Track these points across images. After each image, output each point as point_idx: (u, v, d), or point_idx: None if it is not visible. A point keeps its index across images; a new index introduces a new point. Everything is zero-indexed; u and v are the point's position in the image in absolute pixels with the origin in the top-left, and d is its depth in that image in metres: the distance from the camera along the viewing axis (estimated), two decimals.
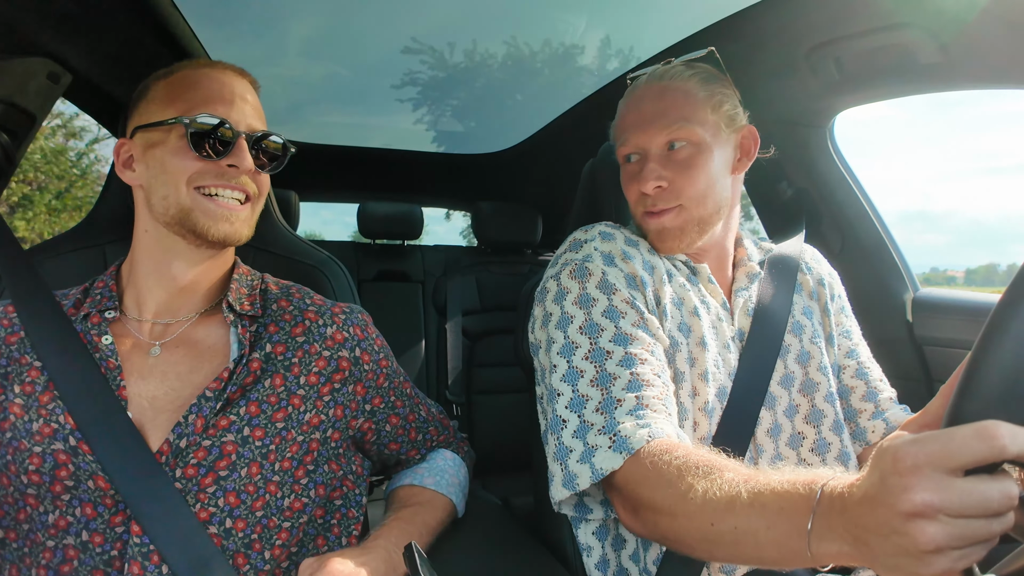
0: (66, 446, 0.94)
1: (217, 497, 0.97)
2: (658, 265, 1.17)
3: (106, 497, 0.93)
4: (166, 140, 1.03)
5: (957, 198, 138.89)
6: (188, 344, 1.06)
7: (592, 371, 1.03)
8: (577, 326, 1.07)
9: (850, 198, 1.81)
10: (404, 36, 2.50)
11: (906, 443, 0.57)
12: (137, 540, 0.92)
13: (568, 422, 1.01)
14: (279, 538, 1.01)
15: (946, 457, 0.54)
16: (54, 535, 0.93)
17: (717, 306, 1.20)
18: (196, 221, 1.02)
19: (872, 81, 1.53)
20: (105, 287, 1.08)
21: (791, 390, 1.19)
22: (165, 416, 0.98)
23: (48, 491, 0.93)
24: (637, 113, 1.18)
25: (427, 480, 1.20)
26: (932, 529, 0.55)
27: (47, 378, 0.98)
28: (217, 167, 1.03)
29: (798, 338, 1.23)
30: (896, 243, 1.80)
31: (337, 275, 1.38)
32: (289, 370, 1.06)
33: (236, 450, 0.98)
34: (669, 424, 0.97)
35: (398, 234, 3.24)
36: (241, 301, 1.09)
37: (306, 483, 1.05)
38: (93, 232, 1.34)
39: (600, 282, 1.10)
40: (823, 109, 1.72)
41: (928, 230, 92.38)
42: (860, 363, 1.28)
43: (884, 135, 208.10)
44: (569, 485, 0.97)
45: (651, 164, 1.14)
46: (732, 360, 1.16)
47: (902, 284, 1.77)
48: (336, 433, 1.10)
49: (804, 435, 1.18)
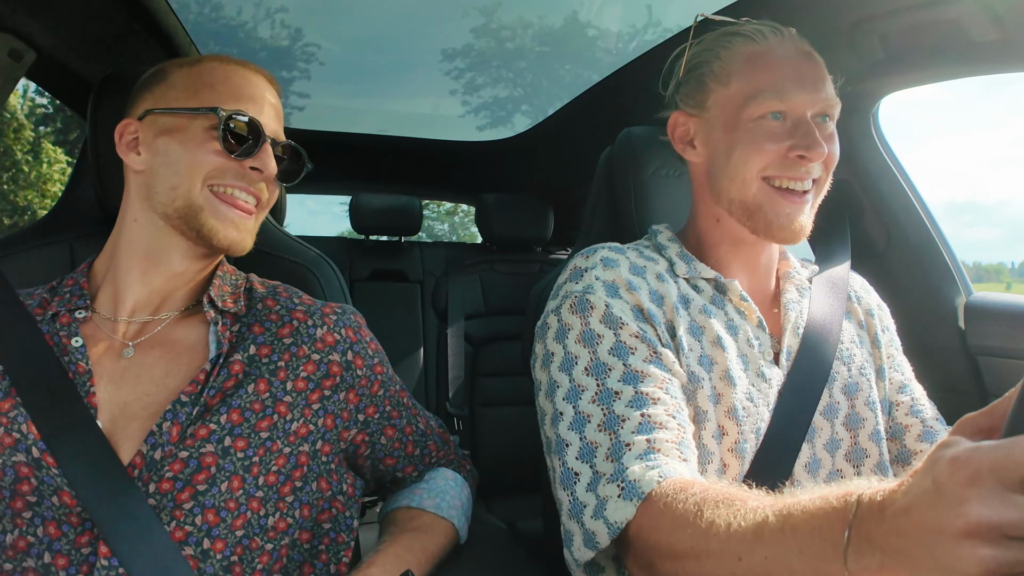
0: (28, 458, 0.94)
1: (194, 514, 0.96)
2: (669, 293, 1.14)
3: (72, 515, 0.93)
4: (187, 128, 1.06)
5: (1012, 187, 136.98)
6: (164, 345, 1.06)
7: (600, 415, 1.01)
8: (582, 367, 1.06)
9: (896, 190, 1.80)
10: (400, 5, 2.49)
11: (966, 450, 0.55)
12: (105, 562, 0.92)
13: (580, 475, 0.99)
14: (260, 561, 1.00)
15: (1011, 468, 0.52)
16: (12, 557, 0.93)
17: (751, 327, 1.17)
18: (204, 222, 1.05)
19: (921, 61, 1.52)
20: (75, 284, 1.09)
21: (834, 422, 1.17)
22: (137, 424, 0.99)
23: (8, 507, 0.93)
24: (794, 68, 1.13)
25: (426, 502, 1.20)
26: (984, 551, 0.54)
27: (9, 383, 0.98)
28: (240, 167, 1.06)
29: (847, 367, 1.21)
30: (947, 241, 1.79)
31: (327, 275, 1.38)
32: (275, 374, 1.06)
33: (216, 462, 0.98)
34: (685, 468, 0.95)
35: (394, 229, 3.24)
36: (224, 298, 1.10)
37: (291, 501, 1.05)
38: (59, 226, 1.35)
39: (604, 316, 1.08)
40: (866, 92, 1.71)
41: (978, 222, 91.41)
42: (915, 399, 1.27)
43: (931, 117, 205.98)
44: (590, 544, 0.95)
45: (815, 129, 1.11)
46: (771, 389, 1.13)
47: (954, 287, 1.77)
48: (327, 446, 1.10)
49: (843, 473, 1.15)
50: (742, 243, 1.21)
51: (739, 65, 1.15)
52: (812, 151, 1.09)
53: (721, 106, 1.17)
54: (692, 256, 1.21)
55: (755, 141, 1.12)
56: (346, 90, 3.14)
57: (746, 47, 1.16)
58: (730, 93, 1.16)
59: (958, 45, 1.40)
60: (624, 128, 1.53)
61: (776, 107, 1.11)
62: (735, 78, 1.15)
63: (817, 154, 1.09)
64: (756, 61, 1.14)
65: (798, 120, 1.11)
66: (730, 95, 1.16)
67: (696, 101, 1.21)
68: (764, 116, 1.12)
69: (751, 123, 1.13)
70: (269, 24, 2.69)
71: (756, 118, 1.13)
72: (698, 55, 1.22)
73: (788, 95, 1.11)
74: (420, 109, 3.38)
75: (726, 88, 1.16)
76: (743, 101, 1.13)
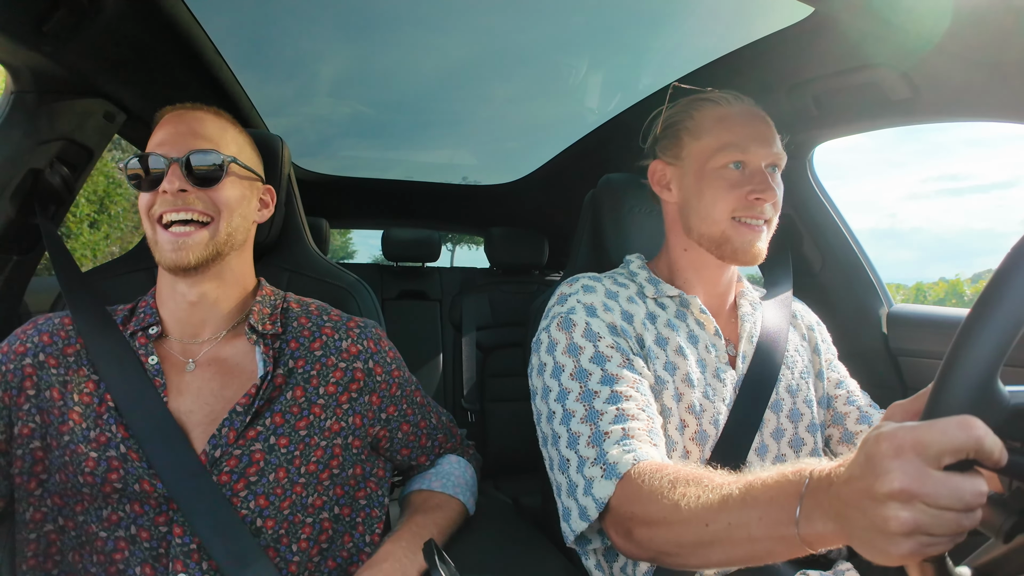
0: (118, 453, 0.95)
1: (248, 500, 0.97)
2: (637, 312, 1.16)
3: (150, 499, 0.94)
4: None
5: (924, 217, 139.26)
6: (217, 363, 1.05)
7: (582, 410, 1.03)
8: (568, 373, 1.07)
9: (828, 222, 1.81)
10: (421, 77, 2.52)
11: (892, 428, 0.57)
12: (179, 541, 0.93)
13: (570, 460, 1.01)
14: (303, 532, 1.01)
15: (928, 444, 0.54)
16: (107, 527, 0.95)
17: (708, 336, 1.18)
18: (159, 257, 1.02)
19: (847, 116, 1.53)
20: (147, 306, 1.09)
21: (779, 415, 1.17)
22: (200, 429, 0.99)
23: (100, 491, 0.94)
24: (752, 128, 1.16)
25: (435, 484, 1.20)
26: (905, 513, 0.54)
27: (104, 389, 0.99)
28: (153, 196, 1.01)
29: (790, 370, 1.22)
30: (871, 262, 1.79)
31: (363, 295, 1.38)
32: (308, 382, 1.06)
33: (264, 457, 0.99)
34: (656, 451, 0.96)
35: (418, 256, 3.26)
36: (263, 321, 1.09)
37: (328, 484, 1.05)
38: (144, 255, 1.35)
39: (585, 331, 1.10)
40: (803, 142, 1.72)
41: (898, 247, 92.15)
42: (850, 392, 1.27)
43: (856, 160, 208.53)
44: (584, 518, 0.96)
45: (768, 177, 1.13)
46: (725, 387, 1.14)
47: (877, 300, 1.76)
48: (357, 440, 1.10)
49: (787, 457, 1.16)
50: (705, 267, 1.22)
51: (709, 124, 1.18)
52: (766, 194, 1.12)
53: (694, 156, 1.19)
54: (659, 279, 1.23)
55: (721, 188, 1.14)
56: (381, 143, 3.17)
57: (715, 110, 1.19)
58: (701, 145, 1.18)
59: (877, 102, 1.41)
60: (604, 174, 1.54)
61: (738, 158, 1.14)
62: (706, 134, 1.18)
63: (770, 195, 1.12)
64: (724, 120, 1.17)
65: (754, 170, 1.14)
66: (701, 147, 1.18)
67: (673, 152, 1.23)
68: (726, 165, 1.15)
69: (716, 171, 1.15)
70: (328, 100, 2.73)
71: (720, 167, 1.15)
72: (675, 115, 1.24)
73: (748, 149, 1.14)
74: (439, 159, 3.40)
75: (698, 141, 1.18)
76: (712, 153, 1.16)
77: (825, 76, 1.45)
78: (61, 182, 1.51)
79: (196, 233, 1.01)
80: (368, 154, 3.32)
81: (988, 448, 0.53)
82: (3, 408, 0.98)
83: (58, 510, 0.98)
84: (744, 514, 0.74)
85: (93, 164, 1.63)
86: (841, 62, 1.38)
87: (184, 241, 1.00)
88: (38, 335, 1.03)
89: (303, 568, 1.00)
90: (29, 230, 1.45)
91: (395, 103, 2.79)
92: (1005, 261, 0.56)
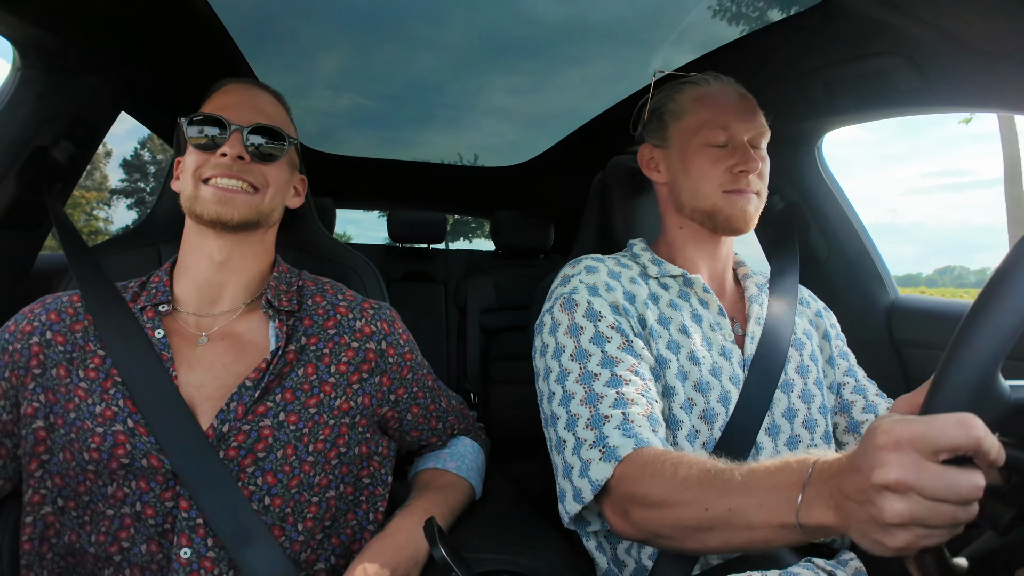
0: (125, 427, 0.94)
1: (256, 476, 0.97)
2: (639, 292, 1.16)
3: (157, 475, 0.94)
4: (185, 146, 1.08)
5: (924, 212, 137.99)
6: (231, 337, 1.06)
7: (582, 392, 1.03)
8: (569, 354, 1.08)
9: (836, 211, 1.80)
10: (419, 68, 2.51)
11: (893, 421, 0.57)
12: (185, 515, 0.93)
13: (567, 441, 1.01)
14: (309, 511, 1.01)
15: (927, 439, 0.55)
16: (113, 504, 0.94)
17: (712, 315, 1.19)
18: (200, 210, 1.04)
19: (858, 104, 1.52)
20: (160, 282, 1.09)
21: (790, 395, 1.17)
22: (210, 403, 0.99)
23: (106, 467, 0.94)
24: (736, 105, 1.20)
25: (449, 464, 1.20)
26: (900, 505, 0.55)
27: (110, 364, 0.99)
28: (212, 157, 1.04)
29: (799, 352, 1.22)
30: (878, 251, 1.79)
31: (369, 275, 1.39)
32: (320, 360, 1.06)
33: (272, 434, 0.98)
34: (655, 438, 0.96)
35: (424, 238, 3.25)
36: (280, 297, 1.09)
37: (335, 463, 1.05)
38: (149, 232, 1.36)
39: (586, 311, 1.11)
40: (812, 129, 1.71)
41: (898, 241, 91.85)
42: (857, 380, 1.28)
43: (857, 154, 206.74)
44: (578, 499, 0.97)
45: (751, 150, 1.17)
46: (732, 366, 1.14)
47: (883, 289, 1.76)
48: (363, 420, 1.10)
49: (800, 438, 1.16)
50: (700, 242, 1.24)
51: (690, 103, 1.22)
52: (748, 165, 1.15)
53: (678, 136, 1.23)
54: (662, 259, 1.24)
55: (705, 162, 1.18)
56: (383, 133, 3.16)
57: (694, 90, 1.23)
58: (683, 125, 1.22)
59: (887, 91, 1.40)
60: (613, 156, 1.53)
61: (719, 134, 1.18)
62: (687, 113, 1.22)
63: (753, 167, 1.15)
64: (703, 99, 1.21)
65: (737, 144, 1.17)
66: (683, 126, 1.22)
67: (659, 135, 1.27)
68: (710, 143, 1.18)
69: (700, 148, 1.19)
70: (328, 92, 2.73)
71: (704, 144, 1.18)
72: (658, 100, 1.28)
73: (729, 125, 1.17)
74: (446, 140, 3.38)
75: (680, 121, 1.22)
76: (694, 131, 1.20)
77: (836, 63, 1.44)
78: (68, 159, 1.52)
79: (242, 195, 1.04)
80: (375, 134, 3.31)
81: (986, 448, 0.54)
82: (11, 388, 0.98)
83: (58, 491, 0.97)
84: (745, 500, 0.75)
85: (99, 141, 1.64)
86: (852, 50, 1.37)
87: (232, 197, 1.03)
88: (45, 313, 1.03)
89: (306, 546, 1.01)
90: (36, 207, 1.45)
91: (395, 95, 2.77)
92: (1007, 258, 0.56)
